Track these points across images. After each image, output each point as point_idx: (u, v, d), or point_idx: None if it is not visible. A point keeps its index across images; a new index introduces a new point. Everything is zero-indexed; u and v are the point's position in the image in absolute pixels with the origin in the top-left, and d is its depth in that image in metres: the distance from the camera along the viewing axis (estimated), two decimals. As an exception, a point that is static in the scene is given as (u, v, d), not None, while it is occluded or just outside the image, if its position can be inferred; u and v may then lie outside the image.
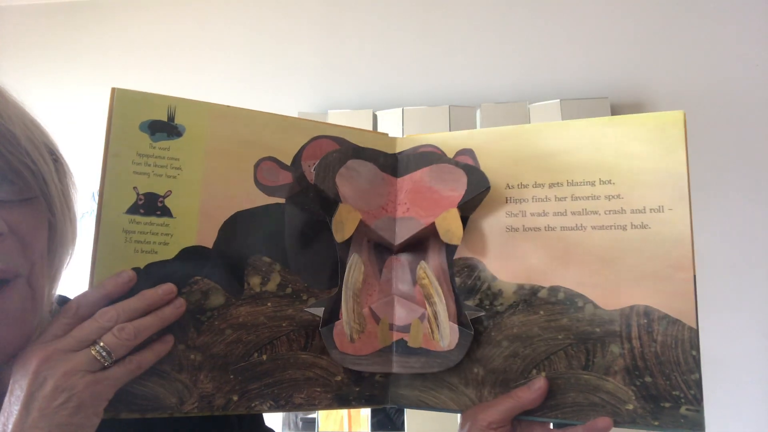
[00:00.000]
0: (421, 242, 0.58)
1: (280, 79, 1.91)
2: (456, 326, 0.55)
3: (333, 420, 1.67)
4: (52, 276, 0.53)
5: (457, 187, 0.56)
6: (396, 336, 0.58)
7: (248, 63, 1.93)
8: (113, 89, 0.51)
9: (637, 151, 0.52)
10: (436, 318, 0.56)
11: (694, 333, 0.49)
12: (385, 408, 1.70)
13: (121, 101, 0.52)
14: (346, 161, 0.57)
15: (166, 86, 1.95)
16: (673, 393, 0.49)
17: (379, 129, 1.80)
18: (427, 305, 0.57)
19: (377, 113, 1.81)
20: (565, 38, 1.80)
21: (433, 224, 0.56)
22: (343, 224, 0.56)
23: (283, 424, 1.70)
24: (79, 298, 0.47)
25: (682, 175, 0.50)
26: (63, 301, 0.55)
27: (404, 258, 0.59)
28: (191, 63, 1.95)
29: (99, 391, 0.44)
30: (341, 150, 0.58)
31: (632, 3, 1.79)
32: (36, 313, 0.48)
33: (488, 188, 0.55)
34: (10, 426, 0.42)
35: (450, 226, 0.55)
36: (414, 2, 1.90)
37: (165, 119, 0.53)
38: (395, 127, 1.78)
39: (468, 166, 0.56)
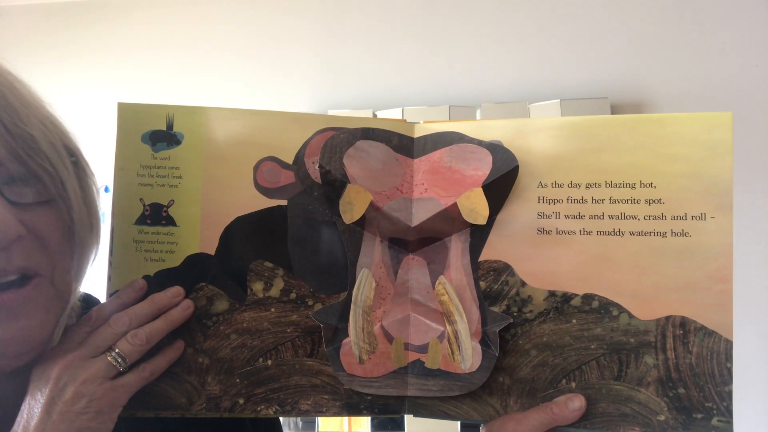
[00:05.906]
0: (441, 240, 0.54)
1: (280, 80, 1.89)
2: (479, 347, 0.52)
3: (333, 420, 1.67)
4: (76, 275, 0.54)
5: (481, 167, 0.51)
6: (412, 356, 0.53)
7: (248, 63, 1.91)
8: (118, 104, 0.53)
9: (681, 154, 0.50)
10: (456, 338, 0.52)
11: (730, 345, 0.48)
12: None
13: (124, 114, 0.53)
14: (355, 142, 0.53)
15: (166, 87, 1.93)
16: (706, 404, 0.49)
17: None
18: (447, 324, 0.52)
19: (377, 113, 1.80)
20: (565, 38, 1.79)
21: (455, 205, 0.52)
22: (352, 205, 0.52)
23: (283, 424, 1.69)
24: (97, 308, 0.50)
25: (727, 182, 0.48)
26: (86, 298, 0.57)
27: (421, 258, 0.55)
28: (191, 64, 1.93)
29: (115, 398, 0.46)
30: (349, 131, 0.53)
31: (632, 3, 1.78)
32: (60, 311, 0.49)
33: (516, 167, 0.51)
34: (32, 427, 0.44)
35: (474, 205, 0.51)
36: (414, 2, 1.88)
37: (164, 128, 0.53)
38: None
39: (492, 144, 0.52)
